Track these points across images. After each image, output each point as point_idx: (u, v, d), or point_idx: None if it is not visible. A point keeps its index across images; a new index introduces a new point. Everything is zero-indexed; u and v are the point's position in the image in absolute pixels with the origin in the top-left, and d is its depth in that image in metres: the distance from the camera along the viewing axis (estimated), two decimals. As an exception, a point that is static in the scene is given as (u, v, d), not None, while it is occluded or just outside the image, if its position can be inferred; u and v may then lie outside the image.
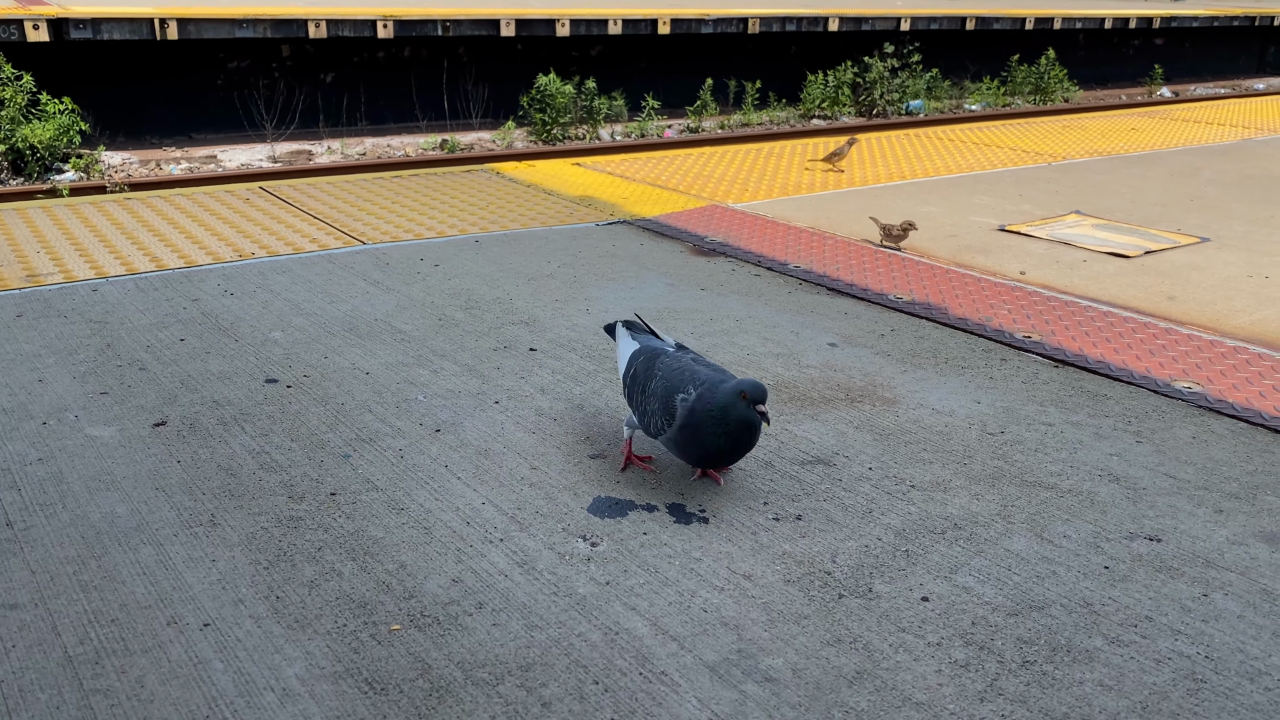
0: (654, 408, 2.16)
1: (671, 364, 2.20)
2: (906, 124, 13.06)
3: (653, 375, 2.20)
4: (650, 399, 2.18)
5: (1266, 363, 2.99)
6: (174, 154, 10.40)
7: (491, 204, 4.77)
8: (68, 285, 3.45)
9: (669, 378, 2.16)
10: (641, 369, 2.24)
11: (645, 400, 2.20)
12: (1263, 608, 1.88)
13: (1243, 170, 6.02)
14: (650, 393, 2.18)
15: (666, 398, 2.14)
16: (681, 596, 1.87)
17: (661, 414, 2.15)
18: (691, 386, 2.12)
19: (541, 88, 11.38)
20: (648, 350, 2.29)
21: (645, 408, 2.20)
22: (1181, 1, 22.52)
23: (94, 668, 1.66)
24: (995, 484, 2.29)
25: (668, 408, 2.13)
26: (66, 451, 2.33)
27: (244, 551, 1.98)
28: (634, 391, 2.25)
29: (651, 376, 2.20)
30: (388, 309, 3.30)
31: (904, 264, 3.89)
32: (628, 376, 2.29)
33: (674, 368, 2.18)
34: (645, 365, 2.24)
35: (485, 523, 2.10)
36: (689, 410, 2.10)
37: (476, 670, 1.67)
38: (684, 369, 2.17)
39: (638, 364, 2.27)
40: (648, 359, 2.25)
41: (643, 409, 2.21)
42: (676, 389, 2.13)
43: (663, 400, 2.14)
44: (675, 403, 2.12)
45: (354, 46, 11.30)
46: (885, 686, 1.66)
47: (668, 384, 2.15)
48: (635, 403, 2.25)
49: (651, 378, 2.20)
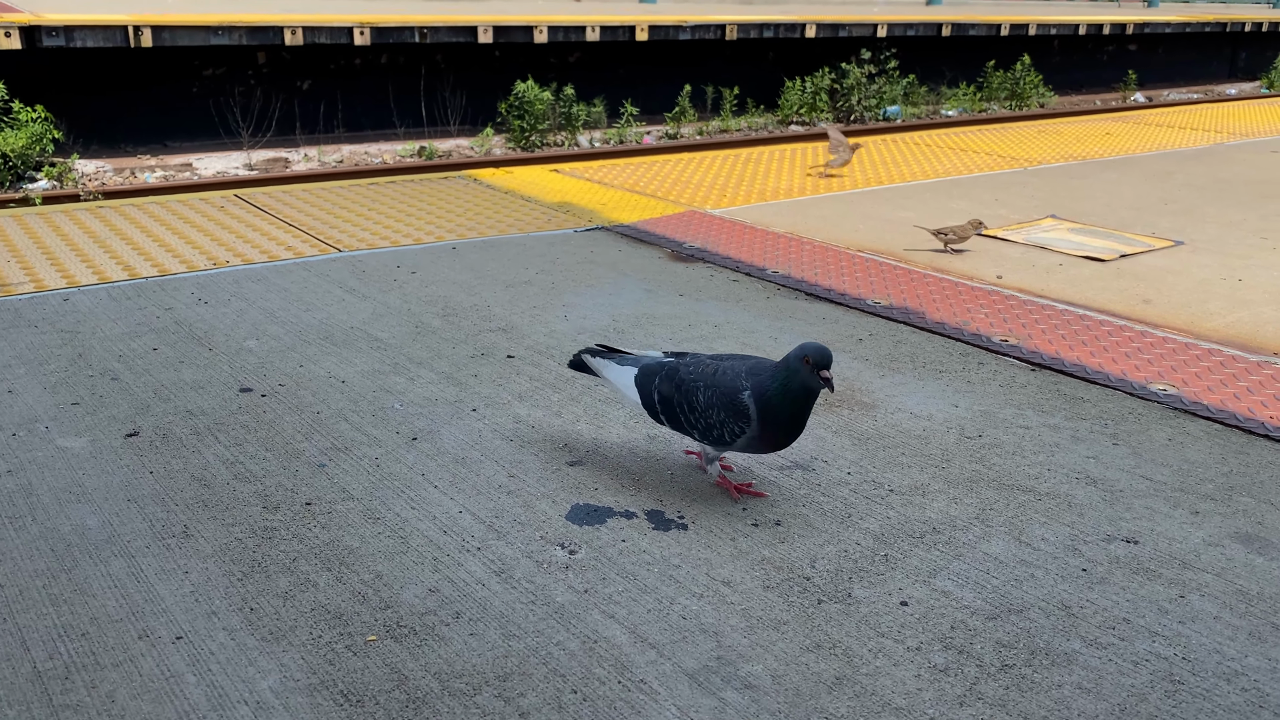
0: (720, 418, 2.10)
1: (698, 372, 2.15)
2: (883, 129, 13.13)
3: (691, 390, 2.14)
4: (709, 412, 2.11)
5: (1241, 364, 3.02)
6: (149, 162, 10.32)
7: (469, 211, 4.75)
8: (39, 295, 3.41)
9: (714, 384, 2.11)
10: (668, 390, 2.18)
11: (702, 416, 2.12)
12: (1239, 608, 1.88)
13: (1215, 174, 6.08)
14: (704, 406, 2.12)
15: (730, 404, 2.08)
16: (660, 604, 1.86)
17: (733, 420, 2.09)
18: (742, 380, 2.08)
19: (520, 94, 11.37)
20: (652, 370, 2.23)
21: (707, 422, 2.12)
22: (1154, 7, 22.77)
23: (64, 683, 1.63)
24: (973, 487, 2.30)
25: (737, 411, 2.08)
26: (36, 463, 2.30)
27: (217, 563, 1.95)
28: (676, 414, 2.17)
29: (691, 392, 2.14)
30: (364, 317, 3.27)
31: (881, 269, 3.90)
32: (652, 404, 2.21)
33: (703, 373, 2.14)
34: (669, 386, 2.18)
35: (462, 531, 2.08)
36: (760, 403, 2.06)
37: (453, 681, 1.66)
38: (718, 370, 2.13)
39: (658, 388, 2.20)
40: (667, 379, 2.19)
41: (704, 425, 2.13)
42: (734, 389, 2.08)
43: (728, 408, 2.09)
44: (744, 402, 2.07)
45: (331, 54, 11.27)
46: (865, 692, 1.65)
47: (719, 390, 2.10)
48: (687, 424, 2.16)
49: (692, 393, 2.13)
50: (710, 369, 2.15)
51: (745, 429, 2.08)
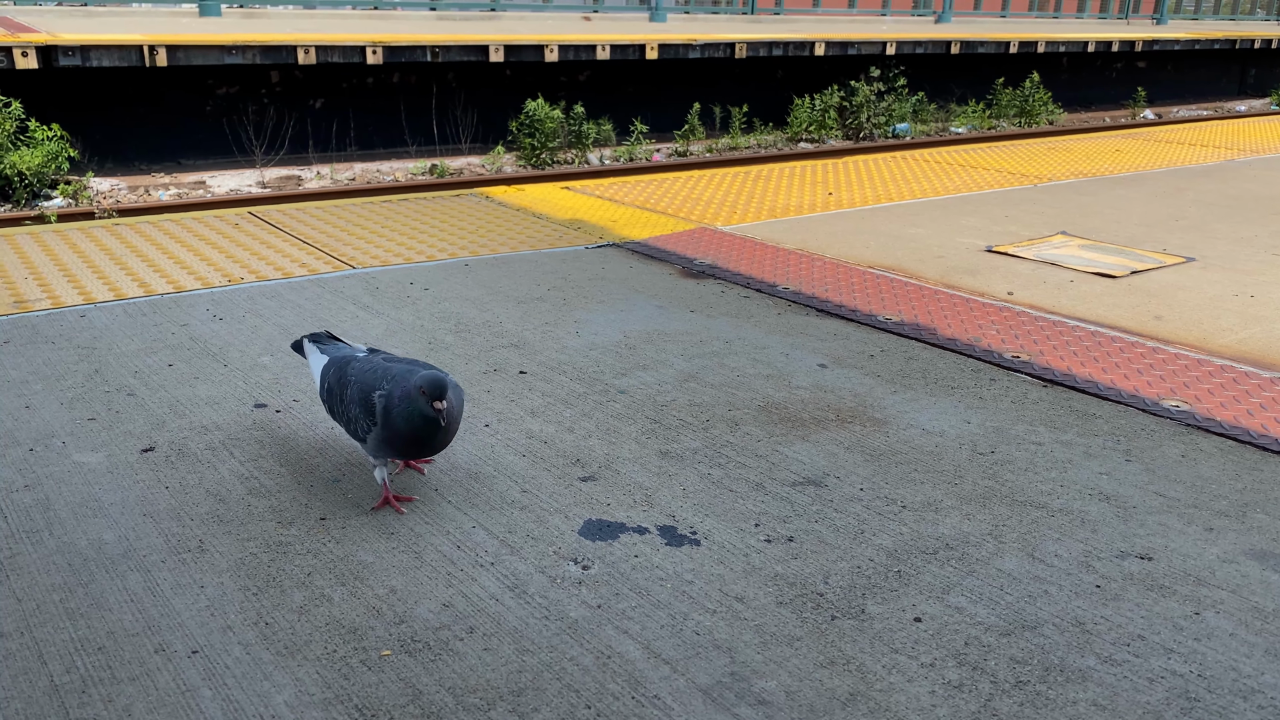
0: (355, 413, 2.16)
1: (363, 366, 2.20)
2: (893, 146, 13.16)
3: (347, 383, 2.19)
4: (350, 406, 2.17)
5: (1253, 381, 3.01)
6: (163, 180, 10.40)
7: (481, 228, 4.78)
8: (55, 311, 3.43)
9: (363, 380, 2.16)
10: (335, 380, 2.24)
11: (346, 408, 2.19)
12: (1254, 625, 1.88)
13: (1225, 190, 6.08)
14: (349, 400, 2.18)
15: (364, 399, 2.13)
16: (673, 619, 1.86)
17: (364, 416, 2.14)
18: (385, 382, 2.12)
19: (530, 113, 11.43)
20: (337, 361, 2.28)
21: (348, 415, 2.18)
22: (1164, 24, 22.79)
23: (80, 696, 1.64)
24: (986, 504, 2.29)
25: (367, 408, 2.13)
26: (53, 478, 2.31)
27: (232, 577, 1.96)
28: (335, 405, 2.24)
29: (346, 384, 2.20)
30: (377, 333, 3.29)
31: (892, 285, 3.91)
32: (324, 393, 2.29)
33: (365, 369, 2.18)
34: (338, 376, 2.24)
35: (476, 546, 2.09)
36: (385, 406, 2.10)
37: (468, 695, 1.66)
38: (375, 368, 2.17)
39: (329, 377, 2.27)
40: (338, 369, 2.24)
41: (346, 417, 2.20)
42: (372, 387, 2.13)
43: (361, 403, 2.14)
44: (374, 400, 2.12)
45: (343, 73, 11.35)
46: (879, 708, 1.65)
47: (363, 386, 2.15)
48: (339, 415, 2.24)
49: (346, 385, 2.19)
50: (369, 368, 2.18)
51: (371, 428, 2.13)
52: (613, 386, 2.90)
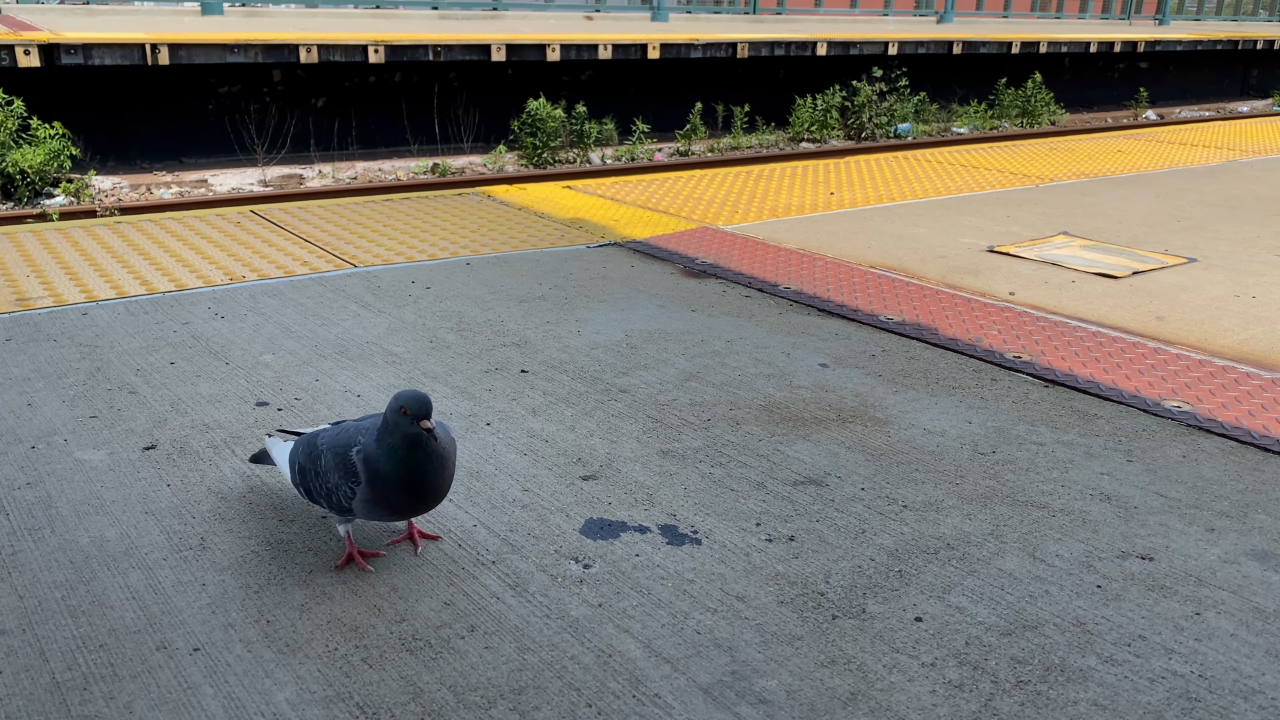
0: (334, 481, 1.90)
1: (332, 433, 1.97)
2: (895, 147, 13.15)
3: (318, 454, 1.95)
4: (327, 475, 1.91)
5: (1255, 382, 3.01)
6: (164, 178, 10.41)
7: (483, 227, 4.78)
8: (57, 309, 3.44)
9: (335, 443, 1.93)
10: (305, 457, 1.98)
11: (323, 480, 1.93)
12: (1255, 626, 1.88)
13: (1228, 191, 6.08)
14: (324, 470, 1.92)
15: (341, 460, 1.89)
16: (674, 618, 1.86)
17: (344, 480, 1.89)
18: (359, 436, 1.90)
19: (532, 112, 11.44)
20: (303, 439, 2.03)
21: (326, 486, 1.92)
22: (1166, 25, 22.78)
23: (82, 694, 1.64)
24: (987, 504, 2.30)
25: (346, 468, 1.88)
26: (55, 475, 2.32)
27: (234, 575, 1.96)
28: (310, 483, 1.97)
29: (318, 455, 1.95)
30: (379, 332, 3.30)
31: (894, 285, 3.91)
32: (297, 476, 2.00)
33: (335, 434, 1.95)
34: (307, 451, 1.98)
35: (477, 545, 2.09)
36: (365, 458, 1.86)
37: (468, 694, 1.66)
38: (345, 429, 1.95)
39: (299, 457, 2.00)
40: (307, 445, 1.99)
41: (325, 490, 1.93)
42: (347, 445, 1.90)
43: (338, 466, 1.89)
44: (351, 458, 1.88)
45: (345, 72, 11.36)
46: (880, 708, 1.65)
47: (336, 449, 1.91)
48: (316, 492, 1.96)
49: (318, 456, 1.95)
50: (337, 432, 1.95)
51: (356, 489, 1.88)
52: (614, 385, 2.91)
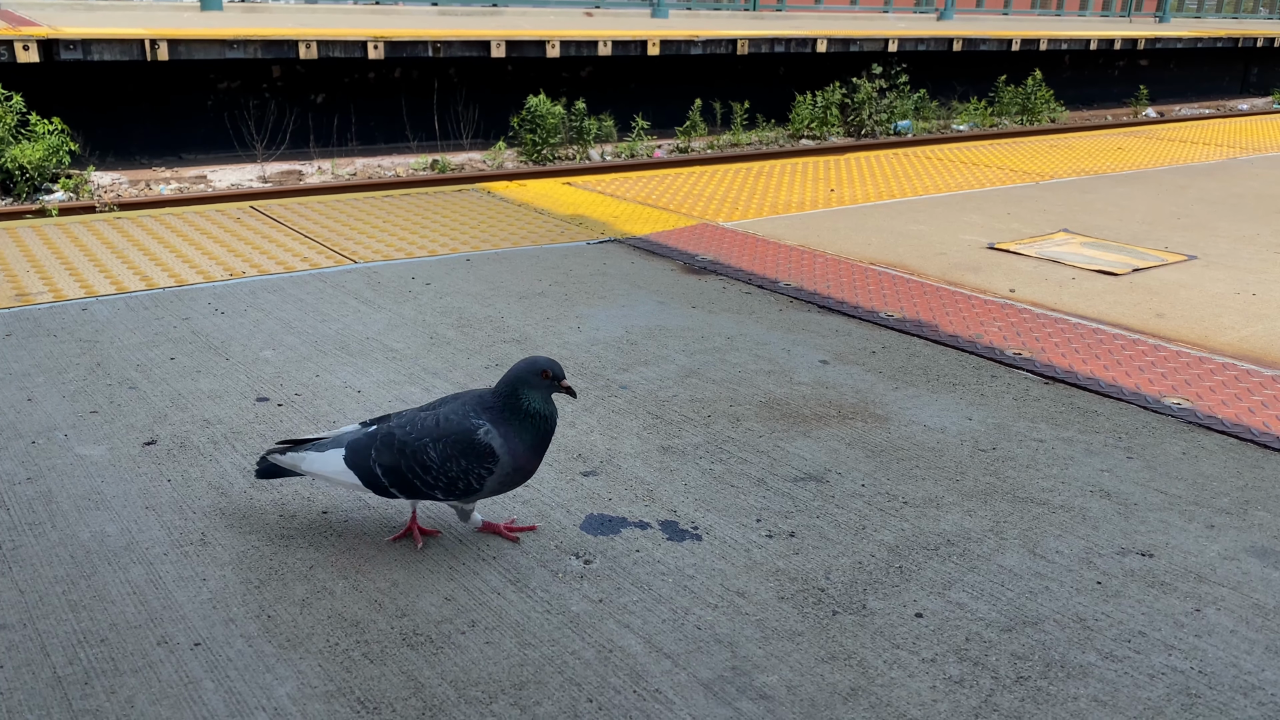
0: (463, 466, 1.90)
1: (419, 428, 1.94)
2: (895, 144, 13.15)
3: (418, 450, 1.92)
4: (448, 464, 1.91)
5: (1255, 379, 3.01)
6: (164, 174, 10.40)
7: (483, 223, 4.77)
8: (57, 304, 3.44)
9: (443, 434, 1.92)
10: (390, 459, 1.94)
11: (440, 472, 1.92)
12: (1255, 622, 1.88)
13: (1228, 189, 6.08)
14: (440, 461, 1.91)
15: (468, 447, 1.90)
16: (675, 614, 1.87)
17: (478, 464, 1.90)
18: (472, 418, 1.92)
19: (532, 108, 11.43)
20: (363, 443, 1.98)
21: (450, 476, 1.91)
22: (1166, 23, 22.77)
23: (83, 688, 1.64)
24: (987, 500, 2.30)
25: (477, 452, 1.90)
26: (56, 470, 2.32)
27: (235, 570, 1.96)
28: (410, 480, 1.94)
29: (419, 452, 1.92)
30: (379, 327, 3.29)
31: (894, 282, 3.91)
32: (376, 480, 1.96)
33: (429, 427, 1.94)
34: (390, 454, 1.94)
35: (478, 540, 2.09)
36: (502, 435, 1.90)
37: (469, 689, 1.66)
38: (440, 419, 1.94)
39: (377, 461, 1.95)
40: (384, 448, 1.95)
41: (447, 480, 1.92)
42: (468, 430, 1.90)
43: (467, 453, 1.90)
44: (481, 439, 1.90)
45: (345, 67, 11.34)
46: (880, 703, 1.65)
47: (451, 438, 1.91)
48: (425, 486, 1.94)
49: (420, 452, 1.92)
50: (430, 420, 1.94)
51: (493, 468, 1.90)
52: (614, 382, 2.91)
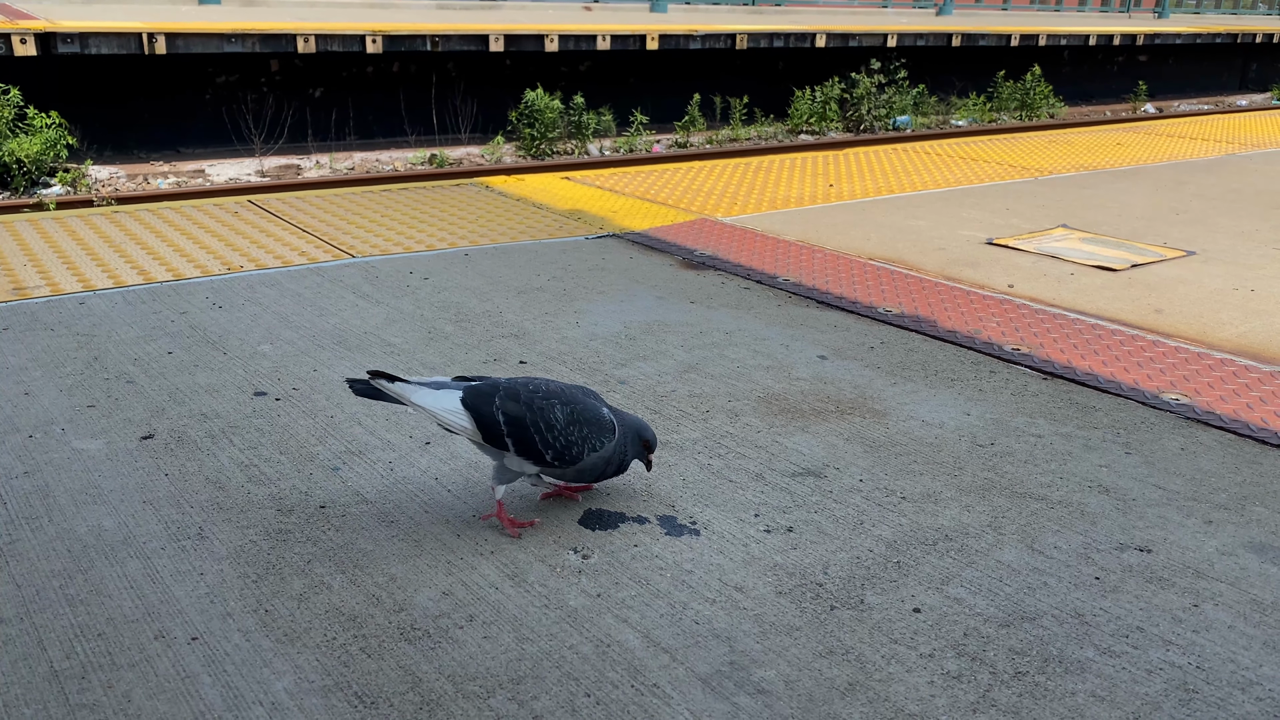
0: (583, 434, 2.06)
1: (543, 391, 2.10)
2: (894, 139, 13.13)
3: (545, 408, 2.06)
4: (570, 429, 2.06)
5: (1254, 374, 3.01)
6: (161, 168, 10.38)
7: (481, 217, 4.77)
8: (55, 298, 3.43)
9: (571, 401, 2.09)
10: (515, 410, 2.06)
11: (561, 434, 2.05)
12: (1253, 618, 1.88)
13: (1227, 184, 6.07)
14: (564, 423, 2.05)
15: (596, 421, 2.08)
16: (673, 609, 1.86)
17: (595, 435, 2.08)
18: (592, 400, 2.13)
19: (530, 103, 11.41)
20: (486, 391, 2.08)
21: (567, 439, 2.05)
22: (1165, 18, 22.75)
23: (80, 682, 1.64)
24: (986, 495, 2.30)
25: (602, 428, 2.09)
26: (53, 465, 2.31)
27: (232, 565, 1.96)
28: (529, 433, 2.05)
29: (546, 409, 2.06)
30: (377, 322, 3.29)
31: (893, 277, 3.90)
32: (495, 425, 2.05)
33: (554, 391, 2.10)
34: (516, 405, 2.06)
35: (476, 535, 2.09)
36: (620, 431, 2.11)
37: (467, 683, 1.66)
38: (562, 389, 2.12)
39: (501, 408, 2.06)
40: (509, 399, 2.07)
41: (563, 442, 2.05)
42: (597, 409, 2.10)
43: (593, 425, 2.08)
44: (609, 420, 2.10)
45: (343, 62, 11.32)
46: (878, 698, 1.65)
47: (581, 408, 2.08)
48: (541, 443, 2.05)
49: (547, 410, 2.06)
50: (551, 388, 2.11)
51: (605, 444, 2.09)
52: (613, 377, 2.90)
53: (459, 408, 2.06)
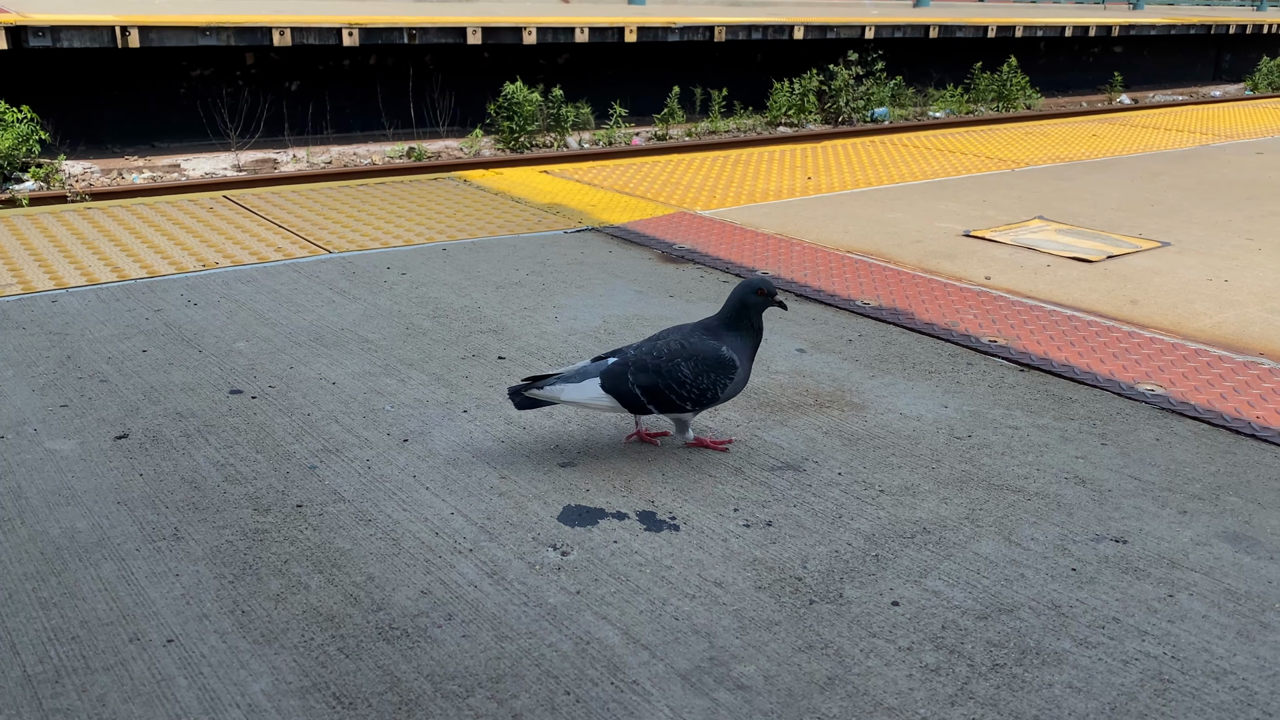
0: (712, 379, 2.33)
1: (665, 353, 2.33)
2: (872, 131, 13.16)
3: (672, 369, 2.31)
4: (700, 378, 2.32)
5: (1227, 365, 3.04)
6: (136, 163, 10.28)
7: (459, 212, 4.74)
8: (26, 296, 3.39)
9: (692, 354, 2.32)
10: (648, 380, 2.31)
11: (693, 385, 2.32)
12: (1227, 607, 1.90)
13: (1201, 175, 6.12)
14: (693, 375, 2.32)
15: (718, 361, 2.32)
16: (653, 605, 1.86)
17: (724, 375, 2.33)
18: (708, 341, 2.34)
19: (509, 96, 11.36)
20: (617, 371, 2.33)
21: (701, 387, 2.32)
22: (1140, 10, 22.90)
23: (54, 687, 1.62)
24: (963, 488, 2.31)
25: (725, 366, 2.33)
26: (25, 465, 2.29)
27: (208, 565, 1.95)
28: (666, 396, 2.32)
29: (673, 370, 2.31)
30: (354, 318, 3.27)
31: (871, 270, 3.91)
32: (635, 399, 2.31)
33: (674, 350, 2.33)
34: (647, 376, 2.31)
35: (454, 533, 2.08)
36: (734, 350, 2.34)
37: (446, 683, 1.66)
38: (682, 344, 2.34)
39: (636, 383, 2.31)
40: (639, 372, 2.32)
41: (699, 391, 2.33)
42: (714, 349, 2.33)
43: (717, 367, 2.32)
44: (727, 356, 2.33)
45: (319, 55, 11.23)
46: (857, 692, 1.66)
47: (701, 356, 2.32)
48: (679, 399, 2.33)
49: (675, 370, 2.31)
50: (671, 347, 2.34)
51: (731, 379, 2.33)
52: (592, 372, 2.89)
53: (601, 394, 2.31)
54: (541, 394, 2.33)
